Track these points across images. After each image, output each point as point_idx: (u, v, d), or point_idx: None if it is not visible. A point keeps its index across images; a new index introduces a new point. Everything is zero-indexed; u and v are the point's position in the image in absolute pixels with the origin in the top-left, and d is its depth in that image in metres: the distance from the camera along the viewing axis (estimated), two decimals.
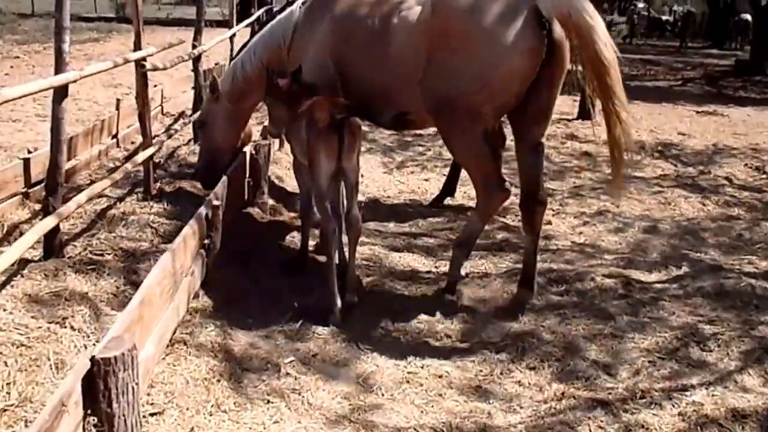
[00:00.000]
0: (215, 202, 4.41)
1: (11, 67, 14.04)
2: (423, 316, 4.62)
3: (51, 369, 3.41)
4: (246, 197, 5.94)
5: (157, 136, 8.28)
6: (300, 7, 5.44)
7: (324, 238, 4.57)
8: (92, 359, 2.58)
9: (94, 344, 3.70)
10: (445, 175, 7.52)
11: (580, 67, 4.60)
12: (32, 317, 3.79)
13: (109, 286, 4.37)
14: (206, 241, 4.45)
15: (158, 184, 6.31)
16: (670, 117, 12.26)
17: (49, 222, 4.38)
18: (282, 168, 7.42)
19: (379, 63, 4.77)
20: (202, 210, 4.40)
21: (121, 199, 5.99)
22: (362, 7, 4.99)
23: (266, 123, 6.84)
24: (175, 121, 9.02)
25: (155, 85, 9.57)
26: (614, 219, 6.68)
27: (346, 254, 4.82)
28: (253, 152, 5.98)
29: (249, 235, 5.37)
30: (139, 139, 7.10)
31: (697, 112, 12.71)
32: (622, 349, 4.24)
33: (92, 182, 6.47)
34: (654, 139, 10.10)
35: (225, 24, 12.75)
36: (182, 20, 24.29)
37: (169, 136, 7.38)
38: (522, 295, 4.81)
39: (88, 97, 11.01)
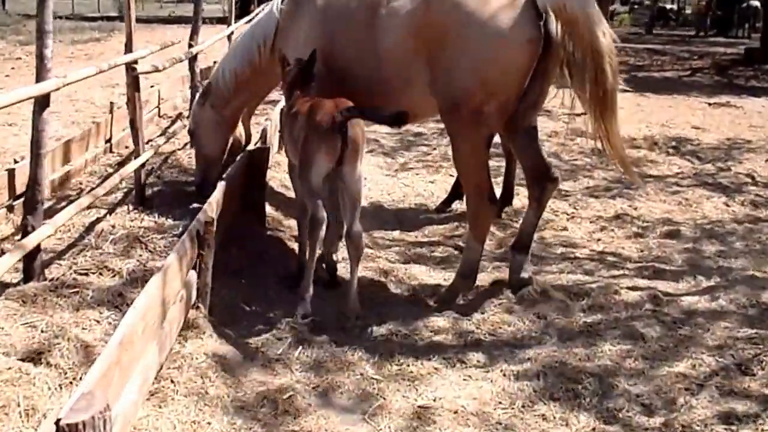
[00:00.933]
0: (207, 218, 3.97)
1: (12, 68, 13.64)
2: (434, 338, 4.19)
3: (21, 417, 2.99)
4: (243, 205, 5.50)
5: (152, 140, 7.92)
6: (279, 6, 5.04)
7: (311, 225, 4.24)
8: (57, 424, 2.15)
9: (71, 383, 3.29)
10: (452, 176, 7.07)
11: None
12: (3, 353, 3.37)
13: (92, 312, 3.94)
14: (198, 260, 4.02)
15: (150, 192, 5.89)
16: (681, 110, 11.77)
17: (28, 243, 3.98)
18: (281, 171, 6.97)
19: (371, 60, 4.49)
20: (194, 227, 3.97)
21: (111, 211, 5.58)
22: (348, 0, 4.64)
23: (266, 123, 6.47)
24: (172, 123, 8.59)
25: (152, 86, 9.14)
26: (633, 223, 6.22)
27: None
28: (251, 156, 5.54)
29: (245, 249, 4.93)
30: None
31: (710, 104, 12.20)
32: (656, 375, 3.80)
33: (81, 191, 6.06)
34: (667, 134, 9.62)
35: (225, 21, 12.29)
36: (184, 18, 23.80)
37: (167, 140, 6.95)
38: (516, 260, 4.68)
39: (85, 97, 10.59)
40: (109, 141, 7.32)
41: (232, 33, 9.33)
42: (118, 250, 4.79)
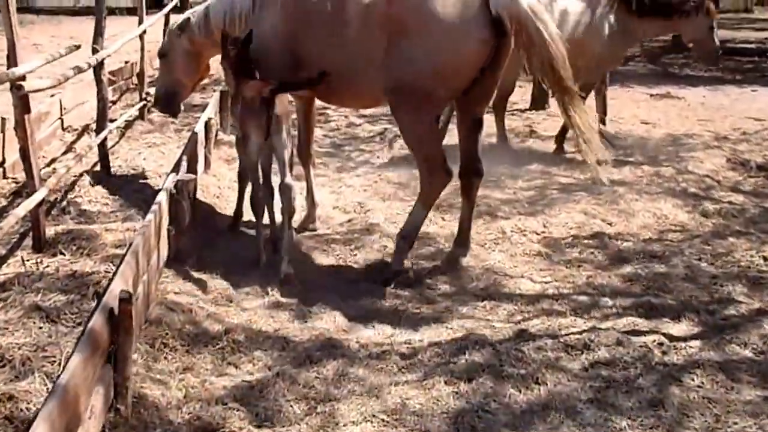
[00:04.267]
0: (123, 294, 3.01)
1: None
2: (425, 424, 3.36)
3: None
4: (167, 253, 4.53)
5: (56, 159, 6.77)
6: None
7: (254, 201, 5.01)
8: None
9: None
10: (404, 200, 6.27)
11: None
12: None
13: None
14: (113, 349, 3.06)
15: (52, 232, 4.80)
16: (625, 102, 11.29)
17: None
18: (210, 197, 6.00)
19: (337, 45, 4.84)
20: (104, 308, 3.00)
21: (1, 261, 4.50)
22: None
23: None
24: (79, 137, 7.39)
25: (52, 95, 7.90)
26: (612, 243, 5.55)
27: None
28: (174, 191, 4.55)
29: (172, 314, 3.97)
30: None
31: (651, 95, 11.78)
32: None
33: None
34: (619, 131, 9.08)
35: (136, 11, 10.83)
36: (93, 9, 21.87)
37: (78, 159, 5.77)
38: (458, 253, 5.13)
39: None
40: (1, 165, 6.14)
41: (144, 32, 8.15)
42: (11, 323, 3.75)
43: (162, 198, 4.43)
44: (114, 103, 9.04)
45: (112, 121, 7.55)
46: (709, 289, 4.78)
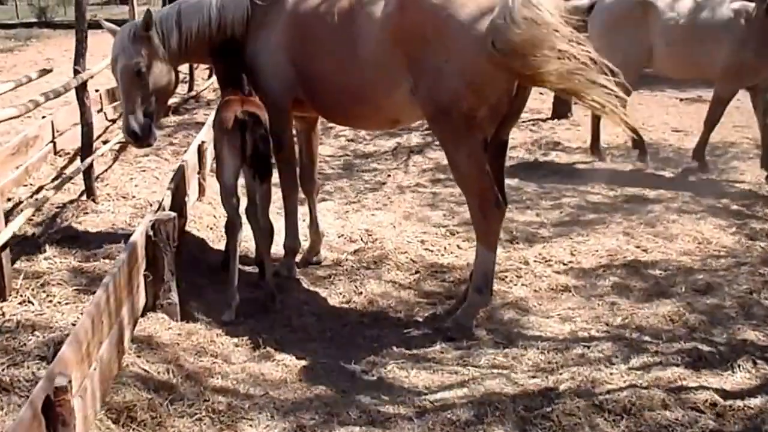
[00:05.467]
0: (60, 382, 2.46)
1: None
2: None
3: None
4: (145, 301, 4.00)
5: (43, 188, 6.30)
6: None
7: (227, 232, 4.57)
8: None
9: None
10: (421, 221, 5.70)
11: None
12: None
13: None
14: None
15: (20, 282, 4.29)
16: (653, 108, 10.64)
17: None
18: (204, 229, 5.48)
19: (350, 66, 4.38)
20: (38, 395, 2.45)
21: None
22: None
23: None
24: (70, 162, 6.91)
25: (43, 117, 7.45)
26: (649, 274, 4.94)
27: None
28: (151, 233, 4.00)
29: (145, 377, 3.44)
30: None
31: (681, 99, 11.11)
32: None
33: None
34: (649, 141, 8.43)
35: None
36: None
37: (58, 188, 5.30)
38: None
39: None
40: None
41: None
42: None
43: (136, 240, 3.89)
44: (113, 122, 8.59)
45: (105, 142, 7.12)
46: (766, 330, 4.15)
